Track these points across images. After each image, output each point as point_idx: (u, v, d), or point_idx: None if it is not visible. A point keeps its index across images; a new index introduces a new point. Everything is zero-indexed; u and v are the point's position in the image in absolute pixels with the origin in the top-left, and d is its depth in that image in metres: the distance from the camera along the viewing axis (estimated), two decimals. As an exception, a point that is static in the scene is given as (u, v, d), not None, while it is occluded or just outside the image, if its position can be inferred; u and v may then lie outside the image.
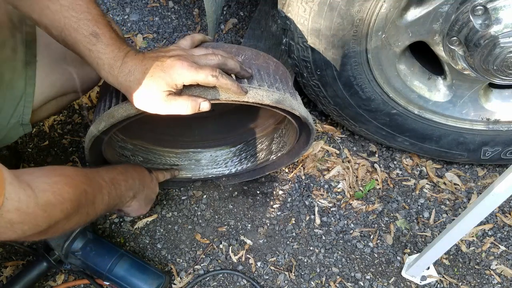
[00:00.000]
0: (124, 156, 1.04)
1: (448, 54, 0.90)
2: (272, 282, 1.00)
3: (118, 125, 0.77)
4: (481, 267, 1.03)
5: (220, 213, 1.10)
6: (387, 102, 1.01)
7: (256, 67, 0.80)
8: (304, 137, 0.98)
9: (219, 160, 1.15)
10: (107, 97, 0.78)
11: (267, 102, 0.75)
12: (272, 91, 0.76)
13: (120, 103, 0.73)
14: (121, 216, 1.08)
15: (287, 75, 0.89)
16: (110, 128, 0.77)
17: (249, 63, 0.79)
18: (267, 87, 0.76)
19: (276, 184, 1.15)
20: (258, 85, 0.75)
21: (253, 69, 0.78)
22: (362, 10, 0.83)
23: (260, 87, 0.75)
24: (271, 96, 0.75)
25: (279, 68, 0.86)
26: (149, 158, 1.09)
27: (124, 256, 0.94)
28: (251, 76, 0.76)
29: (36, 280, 0.94)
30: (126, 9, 1.56)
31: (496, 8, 0.79)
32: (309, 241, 1.06)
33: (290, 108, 0.79)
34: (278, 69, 0.86)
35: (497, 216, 1.11)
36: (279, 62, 0.88)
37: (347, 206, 1.12)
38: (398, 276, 1.01)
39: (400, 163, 1.20)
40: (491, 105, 1.03)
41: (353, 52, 0.91)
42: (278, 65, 0.87)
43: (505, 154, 1.10)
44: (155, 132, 1.10)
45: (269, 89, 0.76)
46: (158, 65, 0.66)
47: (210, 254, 1.04)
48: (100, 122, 0.76)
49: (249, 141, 1.14)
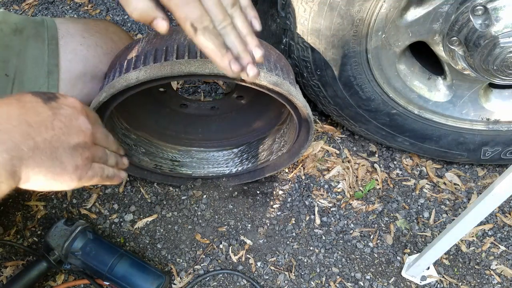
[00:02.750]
0: (126, 144, 1.04)
1: (448, 54, 0.90)
2: (272, 282, 1.00)
3: (119, 98, 0.79)
4: (481, 267, 1.03)
5: (220, 213, 1.10)
6: (387, 102, 1.01)
7: None
8: (304, 133, 0.98)
9: (220, 160, 1.15)
10: (111, 73, 0.80)
11: (264, 83, 0.74)
12: (271, 74, 0.76)
13: (122, 75, 0.76)
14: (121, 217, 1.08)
15: (289, 68, 0.89)
16: (111, 100, 0.78)
17: None
18: (266, 70, 0.76)
19: (276, 184, 1.15)
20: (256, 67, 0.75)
21: None
22: (362, 10, 0.83)
23: (259, 68, 0.75)
24: (269, 78, 0.75)
25: (281, 59, 0.86)
26: (151, 150, 1.10)
27: (124, 256, 0.94)
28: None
29: (36, 280, 0.94)
30: (126, 9, 1.55)
31: (496, 8, 0.79)
32: (309, 241, 1.06)
33: (287, 93, 0.78)
34: (280, 60, 0.85)
35: (497, 216, 1.11)
36: (281, 54, 0.88)
37: (347, 206, 1.12)
38: (398, 276, 1.01)
39: (400, 163, 1.20)
40: (491, 105, 1.03)
41: (353, 52, 0.91)
42: (280, 56, 0.87)
43: (505, 154, 1.10)
44: (159, 125, 1.11)
45: (268, 72, 0.76)
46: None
47: (210, 254, 1.04)
48: (101, 94, 0.77)
49: (251, 143, 1.14)
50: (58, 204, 1.09)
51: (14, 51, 0.84)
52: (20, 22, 0.87)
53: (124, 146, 1.03)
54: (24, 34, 0.86)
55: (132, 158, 1.05)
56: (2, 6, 1.63)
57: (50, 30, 0.88)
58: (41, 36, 0.87)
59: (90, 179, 0.57)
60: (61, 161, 0.51)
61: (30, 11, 1.61)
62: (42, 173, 0.50)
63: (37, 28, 0.88)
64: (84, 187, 1.12)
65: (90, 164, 0.56)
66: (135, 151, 1.06)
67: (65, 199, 1.10)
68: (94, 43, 0.90)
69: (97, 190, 1.12)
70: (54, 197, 1.10)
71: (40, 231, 1.05)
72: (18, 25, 0.86)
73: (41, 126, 0.50)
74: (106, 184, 0.64)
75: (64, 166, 0.52)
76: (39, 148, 0.49)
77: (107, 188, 1.12)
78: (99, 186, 1.12)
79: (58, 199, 1.10)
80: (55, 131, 0.51)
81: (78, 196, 1.11)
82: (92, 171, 0.57)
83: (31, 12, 1.60)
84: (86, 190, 1.12)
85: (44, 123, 0.50)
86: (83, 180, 0.56)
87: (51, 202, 1.09)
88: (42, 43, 0.86)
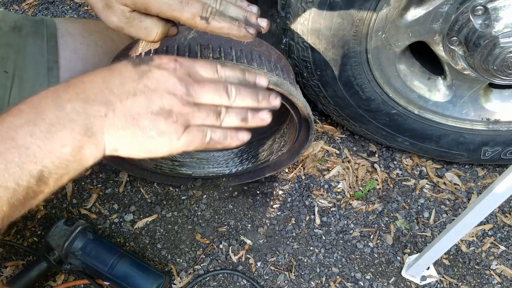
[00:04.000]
0: None
1: (448, 54, 0.90)
2: (272, 282, 1.00)
3: None
4: (481, 267, 1.03)
5: (220, 213, 1.10)
6: (387, 102, 1.01)
7: (257, 53, 0.79)
8: (304, 133, 0.98)
9: (220, 160, 1.15)
10: None
11: None
12: (271, 74, 0.76)
13: None
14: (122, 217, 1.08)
15: (289, 68, 0.89)
16: None
17: (250, 49, 0.79)
18: (267, 71, 0.76)
19: (276, 184, 1.15)
20: (257, 67, 0.75)
21: (254, 55, 0.77)
22: (362, 10, 0.83)
23: (259, 69, 0.75)
24: (269, 78, 0.75)
25: (281, 59, 0.86)
26: None
27: (124, 256, 0.94)
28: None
29: (36, 280, 0.94)
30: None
31: (496, 8, 0.79)
32: (309, 241, 1.06)
33: (288, 94, 0.78)
34: (280, 60, 0.85)
35: (497, 216, 1.11)
36: (282, 54, 0.88)
37: (347, 206, 1.12)
38: (398, 276, 1.01)
39: (400, 163, 1.20)
40: (491, 105, 1.03)
41: (353, 52, 0.91)
42: (280, 56, 0.86)
43: (505, 154, 1.10)
44: None
45: (268, 72, 0.76)
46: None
47: (210, 254, 1.04)
48: None
49: (251, 143, 1.14)
50: (58, 204, 1.09)
51: (13, 49, 0.84)
52: (19, 20, 0.87)
53: None
54: (23, 32, 0.86)
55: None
56: (2, 5, 1.63)
57: (49, 28, 0.89)
58: (40, 34, 0.87)
59: (187, 145, 0.52)
60: (142, 128, 0.49)
61: (30, 11, 1.61)
62: (125, 141, 0.49)
63: (36, 26, 0.88)
64: (84, 187, 1.12)
65: (182, 129, 0.51)
66: None
67: (65, 199, 1.10)
68: (94, 42, 0.90)
69: (97, 190, 1.12)
70: (54, 197, 1.10)
71: (40, 231, 1.05)
72: (17, 23, 0.86)
73: (123, 92, 0.49)
74: (218, 148, 0.56)
75: (146, 133, 0.49)
76: (119, 115, 0.48)
77: (107, 188, 1.12)
78: (98, 186, 1.12)
79: (58, 199, 1.10)
80: (137, 96, 0.49)
81: (78, 196, 1.11)
82: (187, 136, 0.52)
83: (31, 12, 1.60)
84: (86, 190, 1.12)
85: (126, 88, 0.49)
86: (177, 147, 0.52)
87: (51, 202, 1.09)
88: (41, 40, 0.86)
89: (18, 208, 0.46)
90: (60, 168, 0.46)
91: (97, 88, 0.48)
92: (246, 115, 0.55)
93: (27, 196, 0.45)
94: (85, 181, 1.13)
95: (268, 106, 0.57)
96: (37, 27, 0.88)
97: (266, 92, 0.58)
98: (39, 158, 0.44)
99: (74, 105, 0.47)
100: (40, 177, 0.45)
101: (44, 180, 0.45)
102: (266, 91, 0.58)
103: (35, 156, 0.44)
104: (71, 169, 0.47)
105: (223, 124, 0.54)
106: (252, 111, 0.56)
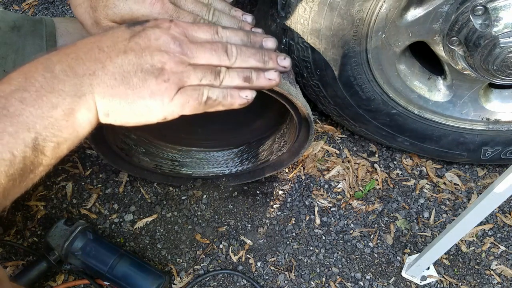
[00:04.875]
0: (126, 144, 1.04)
1: (448, 54, 0.90)
2: (272, 282, 1.00)
3: None
4: (481, 267, 1.03)
5: (220, 213, 1.10)
6: (387, 102, 1.01)
7: None
8: (304, 133, 0.98)
9: (220, 160, 1.15)
10: None
11: None
12: None
13: None
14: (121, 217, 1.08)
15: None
16: None
17: None
18: None
19: (276, 184, 1.15)
20: None
21: None
22: (362, 10, 0.83)
23: None
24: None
25: None
26: (151, 150, 1.10)
27: (124, 256, 0.94)
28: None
29: (36, 280, 0.94)
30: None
31: (496, 8, 0.79)
32: (309, 241, 1.06)
33: (288, 93, 0.78)
34: None
35: (497, 216, 1.11)
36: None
37: (347, 206, 1.12)
38: (398, 276, 1.01)
39: (400, 163, 1.20)
40: (491, 105, 1.03)
41: (353, 52, 0.91)
42: None
43: (505, 154, 1.10)
44: (159, 125, 1.10)
45: None
46: None
47: (210, 254, 1.04)
48: None
49: (251, 143, 1.14)
50: (58, 204, 1.09)
51: (12, 48, 0.84)
52: (18, 20, 0.87)
53: (124, 146, 1.03)
54: (22, 31, 0.86)
55: (132, 158, 1.05)
56: (2, 5, 1.63)
57: (48, 27, 0.88)
58: (39, 33, 0.87)
59: (181, 107, 0.50)
60: (132, 86, 0.46)
61: (30, 11, 1.61)
62: (116, 103, 0.47)
63: (35, 26, 0.88)
64: (84, 187, 1.12)
65: (175, 89, 0.48)
66: (135, 151, 1.06)
67: (65, 199, 1.10)
68: None
69: (97, 190, 1.12)
70: (54, 197, 1.10)
71: (40, 231, 1.05)
72: (16, 23, 0.86)
73: (113, 50, 0.47)
74: (219, 109, 0.52)
75: (137, 92, 0.47)
76: (108, 74, 0.46)
77: (107, 188, 1.12)
78: (98, 186, 1.12)
79: (58, 199, 1.10)
80: (127, 54, 0.47)
81: (78, 196, 1.11)
82: (181, 96, 0.49)
83: (31, 12, 1.60)
84: (86, 190, 1.12)
85: (117, 46, 0.47)
86: (171, 109, 0.49)
87: (51, 202, 1.09)
88: (40, 40, 0.86)
89: (18, 181, 0.44)
90: (55, 135, 0.44)
91: (88, 48, 0.47)
92: (249, 74, 0.52)
93: (25, 167, 0.43)
94: (85, 181, 1.13)
95: (275, 67, 0.54)
96: (36, 27, 0.88)
97: (273, 53, 0.54)
98: (31, 124, 0.43)
99: (63, 66, 0.45)
100: (36, 146, 0.43)
101: (40, 148, 0.44)
102: (273, 52, 0.54)
103: (27, 123, 0.42)
104: (66, 135, 0.45)
105: (223, 83, 0.51)
106: (257, 70, 0.52)
